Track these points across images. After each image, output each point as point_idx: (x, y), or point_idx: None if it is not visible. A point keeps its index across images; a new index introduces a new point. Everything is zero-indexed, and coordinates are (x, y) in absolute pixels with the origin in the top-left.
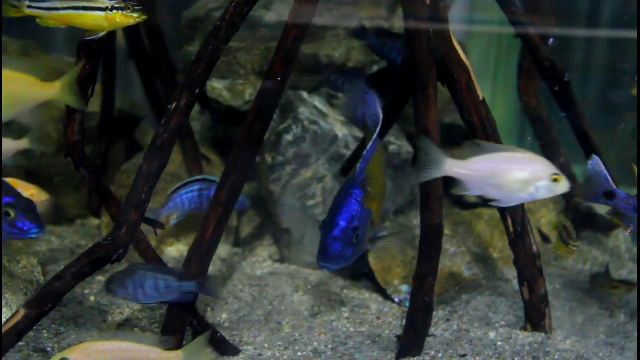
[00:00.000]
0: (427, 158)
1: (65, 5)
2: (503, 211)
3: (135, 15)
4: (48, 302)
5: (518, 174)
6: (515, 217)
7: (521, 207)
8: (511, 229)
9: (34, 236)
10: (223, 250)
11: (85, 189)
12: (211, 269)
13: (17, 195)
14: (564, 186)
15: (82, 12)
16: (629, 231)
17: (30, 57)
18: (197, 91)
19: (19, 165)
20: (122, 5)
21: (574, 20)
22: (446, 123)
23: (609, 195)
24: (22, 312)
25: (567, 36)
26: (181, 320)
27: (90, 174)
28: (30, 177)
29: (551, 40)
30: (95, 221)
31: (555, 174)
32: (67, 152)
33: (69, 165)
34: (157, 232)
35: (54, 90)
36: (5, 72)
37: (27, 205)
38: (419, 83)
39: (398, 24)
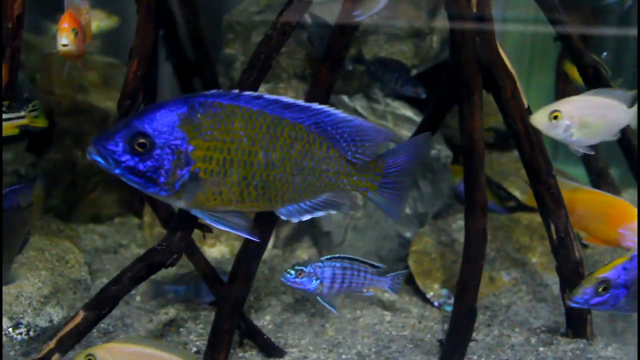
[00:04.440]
0: None
1: None
2: (546, 217)
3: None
4: (106, 305)
5: None
6: (558, 224)
7: (564, 213)
8: (554, 236)
9: None
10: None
11: (123, 188)
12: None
13: None
14: None
15: None
16: None
17: None
18: None
19: (53, 159)
20: None
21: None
22: None
23: None
24: (82, 314)
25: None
26: (230, 322)
27: None
28: (70, 173)
29: (604, 54)
30: (134, 220)
31: None
32: None
33: None
34: (205, 235)
35: None
36: None
37: None
38: (465, 90)
39: (439, 26)
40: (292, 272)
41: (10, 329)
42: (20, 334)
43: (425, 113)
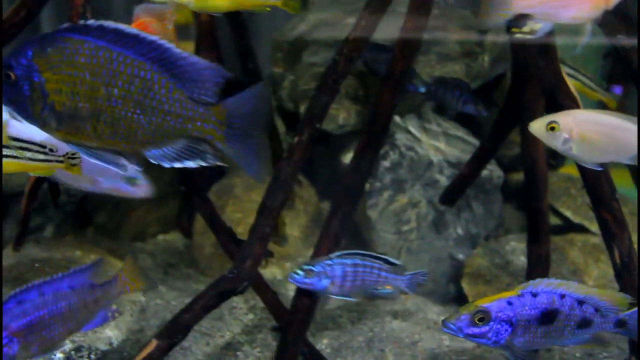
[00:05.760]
0: None
1: None
2: (609, 242)
3: None
4: (178, 333)
5: None
6: (621, 248)
7: (628, 237)
8: (617, 260)
9: None
10: None
11: (166, 206)
12: None
13: None
14: None
15: None
16: None
17: None
18: (319, 125)
19: None
20: None
21: None
22: None
23: None
24: (154, 342)
25: None
26: (294, 349)
27: (202, 203)
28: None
29: None
30: (178, 238)
31: None
32: (180, 180)
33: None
34: (267, 261)
35: None
36: None
37: None
38: (527, 114)
39: (490, 44)
40: (301, 271)
41: (73, 352)
42: (82, 357)
43: (486, 135)
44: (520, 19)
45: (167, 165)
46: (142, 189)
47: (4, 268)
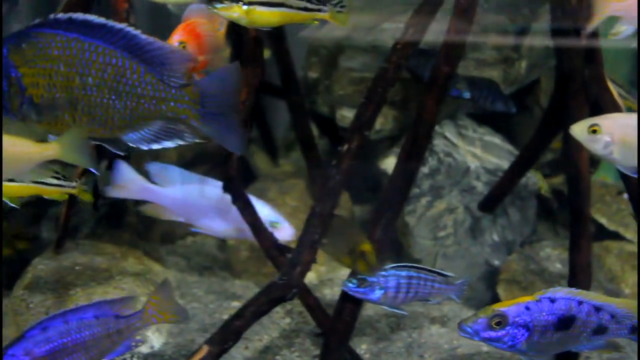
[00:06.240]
0: None
1: None
2: None
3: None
4: (229, 339)
5: None
6: None
7: None
8: None
9: None
10: None
11: None
12: None
13: None
14: None
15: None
16: None
17: None
18: (367, 133)
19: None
20: None
21: None
22: None
23: None
24: (206, 349)
25: None
26: (338, 355)
27: (245, 207)
28: None
29: None
30: (208, 240)
31: None
32: (226, 186)
33: None
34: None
35: (52, 151)
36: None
37: None
38: (571, 122)
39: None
40: (355, 280)
41: None
42: (124, 359)
43: (527, 142)
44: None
45: (145, 147)
46: (285, 231)
47: (46, 272)
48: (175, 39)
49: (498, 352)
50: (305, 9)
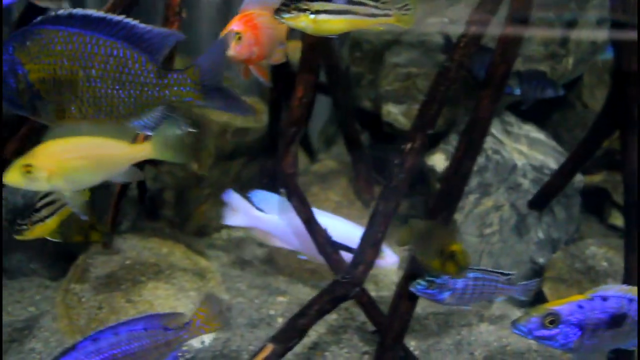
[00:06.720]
0: None
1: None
2: None
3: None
4: (294, 337)
5: None
6: None
7: None
8: None
9: None
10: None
11: None
12: (387, 294)
13: None
14: None
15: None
16: None
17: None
18: (431, 131)
19: (172, 171)
20: None
21: None
22: None
23: None
24: (270, 347)
25: None
26: (393, 353)
27: (301, 205)
28: (186, 186)
29: None
30: (238, 231)
31: None
32: (282, 183)
33: (219, 179)
34: None
35: (146, 151)
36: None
37: None
38: (630, 121)
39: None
40: (424, 282)
41: None
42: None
43: (581, 140)
44: None
45: (150, 132)
46: (389, 259)
47: (95, 266)
48: (232, 29)
49: (547, 350)
50: (372, 15)
